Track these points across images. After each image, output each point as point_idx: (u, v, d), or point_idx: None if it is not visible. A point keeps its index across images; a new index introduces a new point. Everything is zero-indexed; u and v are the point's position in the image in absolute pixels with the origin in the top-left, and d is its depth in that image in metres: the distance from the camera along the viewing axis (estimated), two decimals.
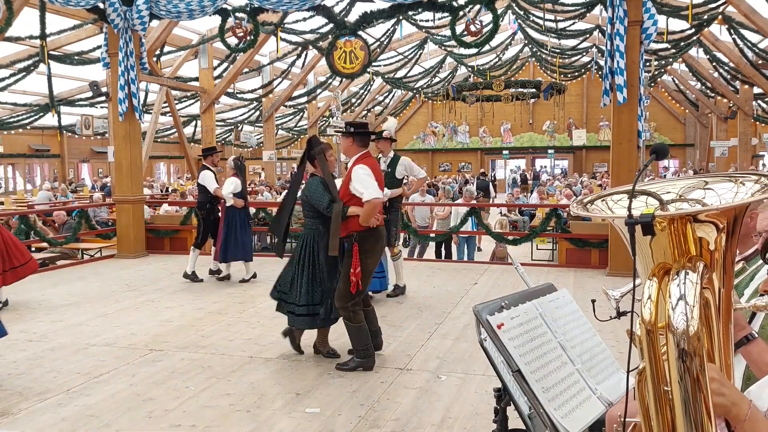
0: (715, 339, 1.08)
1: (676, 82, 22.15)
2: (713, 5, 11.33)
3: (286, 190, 5.28)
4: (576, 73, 21.00)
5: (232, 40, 9.84)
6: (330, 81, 18.27)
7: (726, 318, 1.12)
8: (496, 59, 21.17)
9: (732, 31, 13.28)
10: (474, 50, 13.42)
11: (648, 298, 1.05)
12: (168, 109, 14.77)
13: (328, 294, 4.55)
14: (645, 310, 1.04)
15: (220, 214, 7.72)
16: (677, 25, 12.79)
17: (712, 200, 1.12)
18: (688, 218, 1.07)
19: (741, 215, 1.11)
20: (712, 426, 1.01)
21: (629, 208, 1.05)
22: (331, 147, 4.80)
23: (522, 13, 13.95)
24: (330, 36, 10.63)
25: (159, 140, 21.76)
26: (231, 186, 7.51)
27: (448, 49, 18.77)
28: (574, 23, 13.88)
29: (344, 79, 16.84)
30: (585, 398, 1.60)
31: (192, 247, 7.92)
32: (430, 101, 27.58)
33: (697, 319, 0.98)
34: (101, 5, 8.96)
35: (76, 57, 11.85)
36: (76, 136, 19.20)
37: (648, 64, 15.14)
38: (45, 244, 9.38)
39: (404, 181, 6.78)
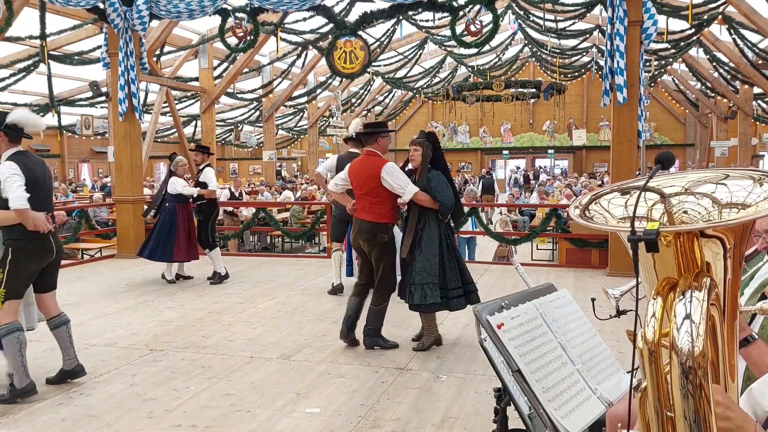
0: (720, 348, 1.06)
1: (676, 82, 22.15)
2: (713, 5, 11.34)
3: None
4: (576, 73, 21.00)
5: (232, 40, 9.84)
6: (330, 81, 18.28)
7: (731, 320, 1.09)
8: (496, 59, 21.17)
9: (732, 31, 13.28)
10: (474, 50, 13.44)
11: (652, 316, 1.01)
12: (168, 109, 14.76)
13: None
14: (648, 329, 1.00)
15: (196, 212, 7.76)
16: (677, 25, 12.79)
17: (722, 195, 1.06)
18: (695, 232, 1.02)
19: (751, 223, 1.07)
20: None
21: (632, 224, 1.00)
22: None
23: (522, 13, 13.95)
24: (330, 36, 10.64)
25: (159, 140, 21.75)
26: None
27: (448, 49, 18.77)
28: (574, 23, 13.89)
29: (344, 79, 16.85)
30: (585, 398, 1.60)
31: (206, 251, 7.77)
32: (430, 101, 27.59)
33: (703, 337, 0.95)
34: (101, 5, 8.96)
35: (76, 57, 11.86)
36: (76, 136, 19.20)
37: (648, 64, 15.14)
38: None
39: None
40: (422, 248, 4.73)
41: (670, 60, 17.06)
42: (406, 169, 4.94)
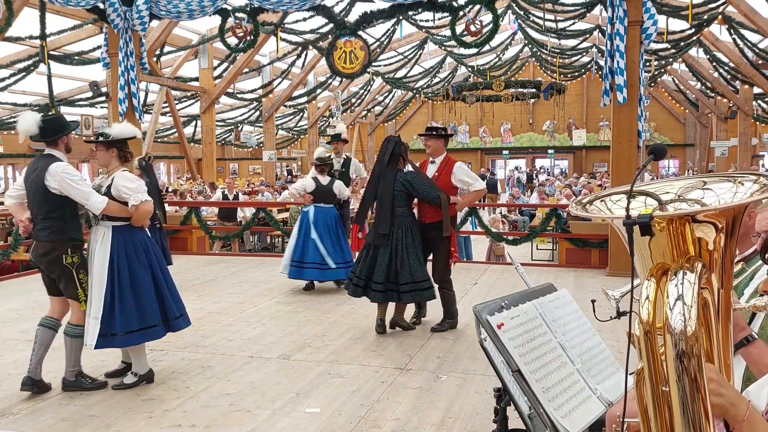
0: (714, 339, 1.08)
1: (676, 82, 22.15)
2: (713, 5, 11.33)
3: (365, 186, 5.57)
4: (576, 73, 21.00)
5: (232, 40, 9.84)
6: (330, 81, 18.29)
7: (725, 318, 1.12)
8: (496, 59, 21.17)
9: (732, 31, 13.29)
10: (474, 50, 13.43)
11: (646, 298, 1.05)
12: (168, 109, 14.77)
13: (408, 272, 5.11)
14: (643, 310, 1.04)
15: None
16: (677, 25, 12.79)
17: (710, 200, 1.11)
18: (687, 218, 1.07)
19: (740, 215, 1.11)
20: (710, 426, 1.01)
21: (627, 209, 1.05)
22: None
23: (522, 13, 13.95)
24: (330, 36, 10.64)
25: (159, 140, 21.76)
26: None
27: (448, 49, 18.78)
28: (574, 23, 13.89)
29: (344, 79, 16.85)
30: (585, 398, 1.60)
31: None
32: (430, 101, 27.57)
33: (695, 320, 0.98)
34: (101, 5, 8.96)
35: (76, 57, 11.87)
36: (76, 136, 19.20)
37: (648, 64, 15.14)
38: None
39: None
40: None
41: (670, 60, 17.06)
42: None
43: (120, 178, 4.07)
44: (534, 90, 19.05)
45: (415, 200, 5.31)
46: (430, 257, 5.48)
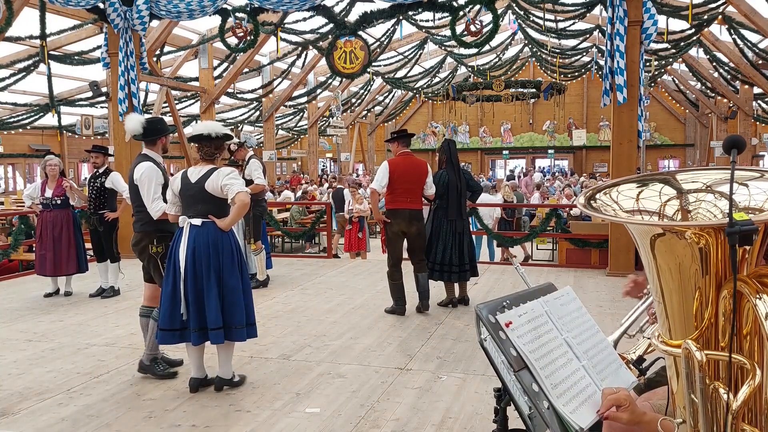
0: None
1: (676, 82, 22.13)
2: (713, 5, 11.32)
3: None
4: (576, 73, 20.98)
5: (232, 40, 9.83)
6: (330, 81, 18.27)
7: None
8: (496, 59, 21.15)
9: (732, 31, 13.28)
10: (474, 50, 13.43)
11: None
12: (168, 109, 14.76)
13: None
14: None
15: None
16: (677, 25, 12.78)
17: (741, 198, 1.00)
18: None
19: None
20: None
21: (730, 213, 0.90)
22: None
23: (522, 13, 13.93)
24: (330, 36, 10.63)
25: None
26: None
27: (448, 49, 18.76)
28: (574, 23, 13.87)
29: (344, 79, 16.84)
30: (591, 394, 1.60)
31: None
32: (430, 101, 27.57)
33: None
34: (101, 5, 8.96)
35: (76, 57, 11.85)
36: (76, 136, 19.19)
37: (648, 64, 15.13)
38: None
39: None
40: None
41: (670, 60, 17.05)
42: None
43: None
44: (534, 90, 19.05)
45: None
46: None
